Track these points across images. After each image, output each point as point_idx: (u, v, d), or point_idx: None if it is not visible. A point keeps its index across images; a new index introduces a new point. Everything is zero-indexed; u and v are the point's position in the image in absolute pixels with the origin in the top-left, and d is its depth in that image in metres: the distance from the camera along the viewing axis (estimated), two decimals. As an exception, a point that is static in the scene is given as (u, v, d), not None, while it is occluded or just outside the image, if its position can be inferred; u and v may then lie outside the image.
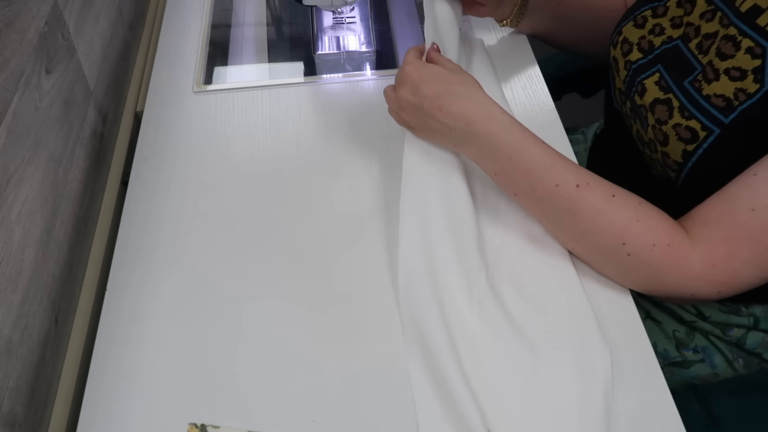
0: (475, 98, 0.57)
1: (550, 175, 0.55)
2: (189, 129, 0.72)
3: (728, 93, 0.53)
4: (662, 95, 0.59)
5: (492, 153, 0.56)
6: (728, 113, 0.53)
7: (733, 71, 0.53)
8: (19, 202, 0.50)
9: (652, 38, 0.63)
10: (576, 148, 0.84)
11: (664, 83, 0.59)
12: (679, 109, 0.57)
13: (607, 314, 0.55)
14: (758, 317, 0.66)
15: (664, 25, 0.63)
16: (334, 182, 0.66)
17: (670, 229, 0.53)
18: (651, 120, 0.60)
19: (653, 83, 0.61)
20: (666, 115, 0.58)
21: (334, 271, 0.59)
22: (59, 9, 0.61)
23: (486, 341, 0.54)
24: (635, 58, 0.64)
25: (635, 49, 0.64)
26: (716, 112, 0.54)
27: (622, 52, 0.66)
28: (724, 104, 0.53)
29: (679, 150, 0.57)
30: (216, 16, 0.87)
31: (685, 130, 0.56)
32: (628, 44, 0.65)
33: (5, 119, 0.48)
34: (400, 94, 0.60)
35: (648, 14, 0.65)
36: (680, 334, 0.69)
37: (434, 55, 0.63)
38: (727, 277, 0.50)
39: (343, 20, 0.86)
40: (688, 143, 0.56)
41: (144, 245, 0.61)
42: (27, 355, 0.50)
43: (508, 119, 0.56)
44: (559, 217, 0.56)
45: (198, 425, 0.49)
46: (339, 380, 0.52)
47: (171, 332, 0.55)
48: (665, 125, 0.58)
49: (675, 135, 0.57)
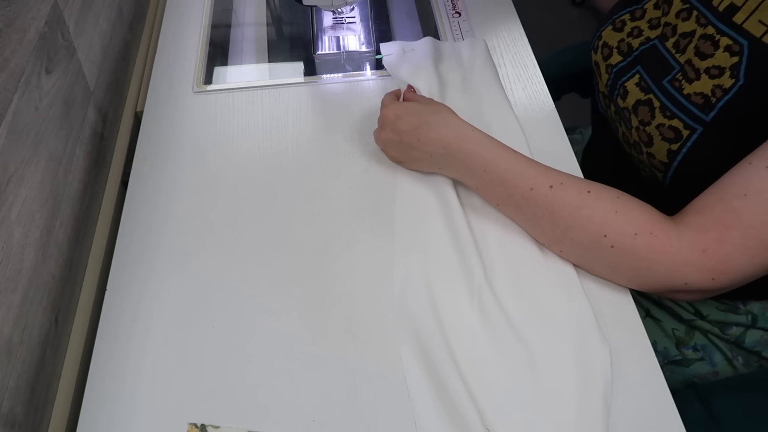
0: (448, 123, 0.60)
1: (523, 180, 0.57)
2: (189, 129, 0.72)
3: (706, 90, 0.54)
4: (643, 96, 0.60)
5: (469, 168, 0.60)
6: (708, 111, 0.54)
7: (713, 70, 0.54)
8: (19, 202, 0.50)
9: (631, 40, 0.64)
10: (575, 148, 0.84)
11: (644, 84, 0.60)
12: (661, 108, 0.58)
13: (606, 313, 0.55)
14: (756, 315, 0.66)
15: (641, 27, 0.64)
16: (334, 182, 0.66)
17: (651, 218, 0.52)
18: (635, 122, 0.60)
19: (634, 85, 0.61)
20: (648, 116, 0.59)
21: (334, 271, 0.59)
22: (59, 9, 0.61)
23: (484, 340, 0.54)
24: (615, 62, 0.65)
25: (615, 52, 0.66)
26: (696, 111, 0.55)
27: (603, 56, 0.67)
28: (703, 101, 0.54)
29: (664, 150, 0.57)
30: (216, 16, 0.87)
31: (669, 130, 0.57)
32: (608, 48, 0.67)
33: (5, 119, 0.48)
34: (382, 135, 0.65)
35: (626, 18, 0.66)
36: (680, 333, 0.69)
37: (408, 95, 0.69)
38: (718, 262, 0.49)
39: (343, 20, 0.86)
40: (672, 143, 0.57)
41: (144, 245, 0.61)
42: (27, 355, 0.50)
43: (479, 135, 0.59)
44: (539, 219, 0.57)
45: (198, 425, 0.49)
46: (339, 380, 0.52)
47: (171, 332, 0.55)
48: (648, 126, 0.58)
49: (659, 135, 0.57)
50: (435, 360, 0.52)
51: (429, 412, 0.50)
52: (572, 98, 0.95)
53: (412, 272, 0.58)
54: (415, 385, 0.51)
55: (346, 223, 0.62)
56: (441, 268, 0.58)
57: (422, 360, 0.52)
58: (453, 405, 0.49)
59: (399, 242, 0.61)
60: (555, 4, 2.08)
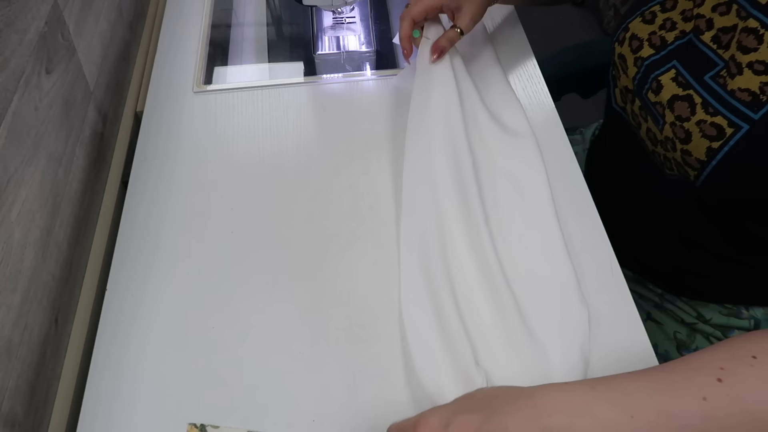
0: (527, 395, 0.42)
1: (689, 394, 0.40)
2: (189, 129, 0.72)
3: (754, 87, 0.52)
4: (681, 92, 0.57)
5: (600, 430, 0.40)
6: (757, 109, 0.52)
7: (756, 65, 0.52)
8: (19, 202, 0.50)
9: (664, 33, 0.62)
10: (575, 148, 0.84)
11: (682, 79, 0.58)
12: (703, 105, 0.55)
13: (607, 315, 0.55)
14: (759, 320, 0.66)
15: (674, 19, 0.61)
16: (334, 182, 0.66)
17: None
18: (669, 117, 0.58)
19: (669, 80, 0.59)
20: (688, 112, 0.56)
21: (333, 270, 0.59)
22: (59, 9, 0.61)
23: (479, 280, 0.56)
24: (647, 54, 0.62)
25: (646, 45, 0.63)
26: (743, 108, 0.52)
27: (631, 49, 0.64)
28: (751, 99, 0.52)
29: (704, 147, 0.55)
30: (216, 16, 0.87)
31: (711, 127, 0.54)
32: (637, 40, 0.64)
33: (5, 119, 0.48)
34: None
35: (656, 9, 0.63)
36: (681, 336, 0.69)
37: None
38: None
39: (343, 20, 0.86)
40: (713, 140, 0.54)
41: (144, 245, 0.61)
42: (27, 355, 0.50)
43: (577, 385, 0.42)
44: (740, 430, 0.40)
45: (198, 425, 0.49)
46: (339, 380, 0.52)
47: (171, 332, 0.55)
48: (687, 122, 0.56)
49: (699, 132, 0.55)
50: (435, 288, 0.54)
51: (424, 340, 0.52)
52: (572, 98, 0.95)
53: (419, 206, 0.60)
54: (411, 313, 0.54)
55: (346, 223, 0.62)
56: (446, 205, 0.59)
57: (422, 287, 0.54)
58: (448, 335, 0.52)
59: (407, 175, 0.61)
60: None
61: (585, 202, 0.64)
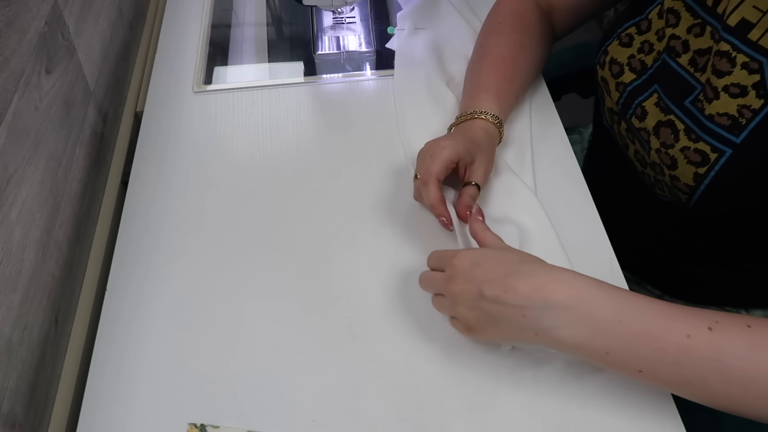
0: (547, 270, 0.47)
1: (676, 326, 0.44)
2: (189, 129, 0.72)
3: (732, 111, 0.51)
4: (663, 117, 0.57)
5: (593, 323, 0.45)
6: (738, 132, 0.51)
7: (732, 88, 0.51)
8: (19, 202, 0.50)
9: (643, 57, 0.61)
10: (575, 148, 0.83)
11: (663, 104, 0.57)
12: (685, 131, 0.54)
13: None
14: None
15: (651, 41, 0.61)
16: (334, 182, 0.66)
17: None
18: (655, 143, 0.57)
19: (653, 105, 0.58)
20: (672, 138, 0.55)
21: (333, 270, 0.59)
22: (59, 9, 0.61)
23: None
24: (629, 80, 0.61)
25: (627, 69, 0.62)
26: (724, 132, 0.52)
27: (611, 74, 0.63)
28: (730, 123, 0.51)
29: (690, 173, 0.54)
30: (216, 16, 0.87)
31: (695, 153, 0.54)
32: (617, 65, 0.63)
33: (5, 119, 0.48)
34: (453, 288, 0.49)
35: (632, 31, 0.62)
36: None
37: (482, 235, 0.54)
38: None
39: (343, 20, 0.86)
40: (699, 166, 0.54)
41: (144, 245, 0.61)
42: (27, 355, 0.50)
43: (590, 279, 0.46)
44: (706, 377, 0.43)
45: (198, 425, 0.49)
46: (339, 380, 0.52)
47: (171, 332, 0.55)
48: (671, 149, 0.55)
49: (684, 158, 0.54)
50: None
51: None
52: (572, 98, 0.95)
53: None
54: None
55: (346, 223, 0.62)
56: None
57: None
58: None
59: None
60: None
61: (585, 202, 0.64)
